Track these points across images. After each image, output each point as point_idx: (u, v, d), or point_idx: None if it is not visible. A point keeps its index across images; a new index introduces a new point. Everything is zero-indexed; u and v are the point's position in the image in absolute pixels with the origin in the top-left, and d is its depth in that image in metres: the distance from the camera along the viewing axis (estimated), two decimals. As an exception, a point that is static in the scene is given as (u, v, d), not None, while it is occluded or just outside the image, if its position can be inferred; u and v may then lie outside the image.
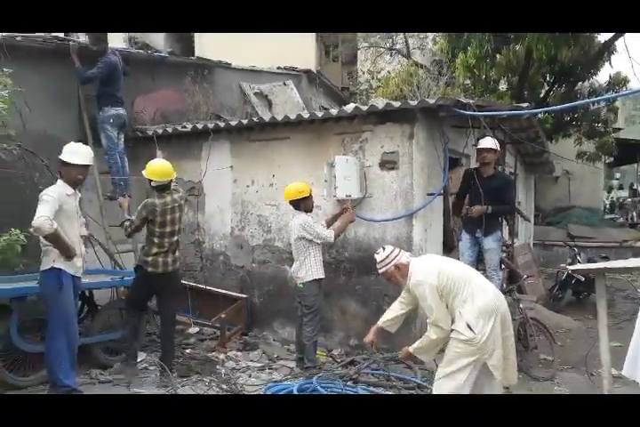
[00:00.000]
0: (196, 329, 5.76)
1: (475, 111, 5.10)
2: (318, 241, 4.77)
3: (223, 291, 5.98)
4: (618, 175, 24.01)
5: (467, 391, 3.21)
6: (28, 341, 4.17)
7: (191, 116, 7.07)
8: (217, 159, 6.26)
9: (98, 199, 5.87)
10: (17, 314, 4.09)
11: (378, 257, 3.59)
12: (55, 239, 3.67)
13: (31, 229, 3.57)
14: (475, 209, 5.29)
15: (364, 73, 13.55)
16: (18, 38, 5.22)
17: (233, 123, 6.03)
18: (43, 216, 3.55)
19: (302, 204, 4.85)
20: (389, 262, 3.51)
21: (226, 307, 5.73)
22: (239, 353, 5.29)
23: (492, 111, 5.42)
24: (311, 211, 4.95)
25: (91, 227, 4.78)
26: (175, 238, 4.58)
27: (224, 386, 4.16)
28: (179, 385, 4.10)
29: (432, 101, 4.99)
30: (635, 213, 16.32)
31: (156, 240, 4.43)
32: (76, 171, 3.94)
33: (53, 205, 3.67)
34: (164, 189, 4.51)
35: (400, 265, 3.49)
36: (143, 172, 4.56)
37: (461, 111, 5.03)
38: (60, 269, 3.77)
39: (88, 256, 4.25)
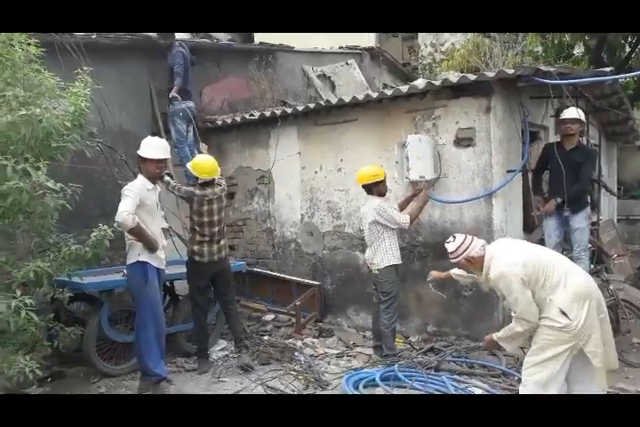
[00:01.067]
0: (272, 316, 5.82)
1: (556, 79, 4.71)
2: (393, 226, 4.63)
3: (296, 278, 5.99)
4: None
5: (561, 380, 3.01)
6: (118, 331, 4.36)
7: (257, 104, 7.05)
8: (285, 146, 6.23)
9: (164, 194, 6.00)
10: (107, 306, 4.26)
11: (448, 247, 3.37)
12: (138, 233, 3.77)
13: (115, 224, 3.66)
14: (544, 208, 5.00)
15: (426, 46, 13.01)
16: (92, 36, 5.36)
17: (300, 108, 5.93)
18: (125, 211, 3.64)
19: (376, 188, 4.70)
20: (460, 255, 3.27)
21: (299, 294, 5.74)
22: (315, 340, 5.29)
23: (574, 79, 4.99)
24: (385, 195, 4.80)
25: (168, 218, 4.89)
26: (216, 229, 4.60)
27: (306, 375, 4.14)
28: (263, 375, 4.12)
29: (510, 71, 4.66)
30: None
31: (197, 229, 4.53)
32: (153, 165, 4.01)
33: (135, 199, 3.76)
34: (206, 184, 4.57)
35: (471, 258, 3.24)
36: (188, 166, 4.61)
37: (543, 80, 4.67)
38: (145, 263, 3.88)
39: (167, 248, 4.34)
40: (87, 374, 4.32)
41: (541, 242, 5.40)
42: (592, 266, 5.78)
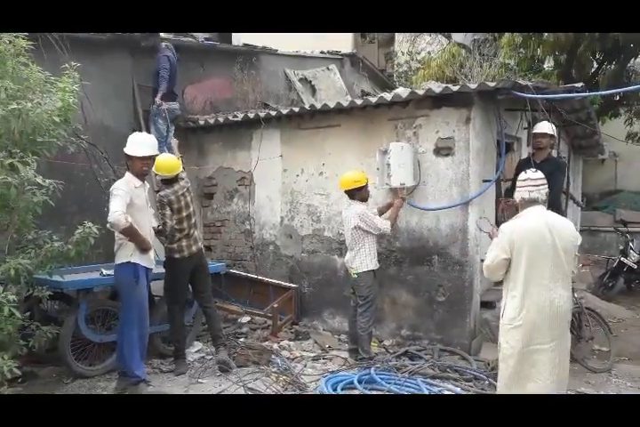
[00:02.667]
0: (248, 318, 5.81)
1: (533, 93, 4.88)
2: (375, 232, 4.71)
3: (274, 280, 6.00)
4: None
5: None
6: (94, 331, 4.28)
7: (240, 105, 7.03)
8: (267, 148, 6.23)
9: (152, 191, 5.92)
10: (85, 305, 4.18)
11: (536, 175, 3.20)
12: (131, 233, 3.73)
13: (107, 225, 3.62)
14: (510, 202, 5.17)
15: (403, 54, 13.21)
16: (76, 30, 5.24)
17: (284, 111, 5.95)
18: (117, 211, 3.58)
19: (358, 193, 4.77)
20: (531, 190, 3.13)
21: (276, 296, 5.76)
22: (291, 343, 5.32)
23: (550, 93, 5.19)
24: (367, 200, 4.88)
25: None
26: (193, 221, 4.63)
27: (284, 377, 4.17)
28: (243, 377, 4.13)
29: (492, 84, 4.82)
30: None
31: (176, 227, 4.49)
32: (140, 162, 3.97)
33: (124, 198, 3.71)
34: (170, 181, 4.54)
35: (522, 200, 3.16)
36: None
37: (522, 94, 4.83)
38: (136, 264, 3.83)
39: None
40: (60, 375, 4.23)
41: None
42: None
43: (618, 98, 12.42)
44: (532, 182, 3.15)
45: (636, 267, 7.99)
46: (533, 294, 2.98)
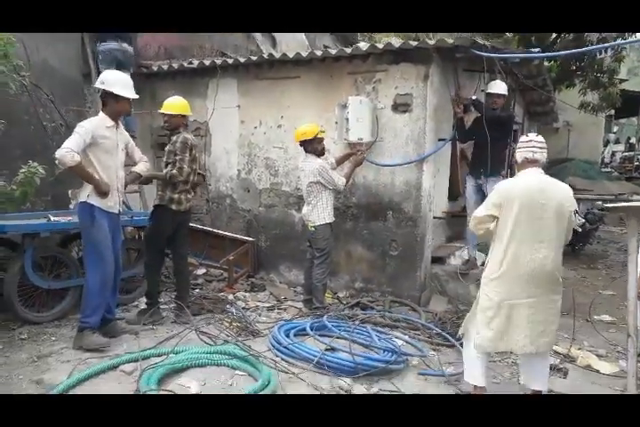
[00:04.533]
0: (204, 270, 5.80)
1: (491, 53, 4.91)
2: (331, 187, 4.72)
3: (230, 234, 5.97)
4: (615, 129, 23.89)
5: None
6: (42, 277, 4.17)
7: (196, 53, 6.76)
8: (224, 98, 6.06)
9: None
10: (31, 251, 4.05)
11: (539, 139, 3.18)
12: (79, 172, 3.56)
13: (56, 161, 3.46)
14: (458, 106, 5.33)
15: (367, 12, 12.94)
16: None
17: (241, 59, 5.78)
18: (66, 148, 3.42)
19: (310, 146, 4.74)
20: (536, 151, 3.14)
21: (232, 250, 5.75)
22: (247, 294, 5.37)
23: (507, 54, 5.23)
24: (323, 154, 4.84)
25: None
26: (195, 177, 4.54)
27: (238, 324, 4.22)
28: (196, 323, 4.14)
29: (450, 41, 4.80)
30: (631, 167, 16.37)
31: (184, 178, 4.37)
32: (128, 104, 3.82)
33: (84, 137, 3.52)
34: (187, 125, 4.45)
35: (526, 160, 3.16)
36: (169, 108, 4.41)
37: (479, 52, 4.84)
38: (92, 204, 3.68)
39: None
40: (6, 321, 4.13)
41: (464, 210, 5.76)
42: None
43: (574, 68, 12.69)
44: (536, 144, 3.15)
45: (580, 230, 8.36)
46: (516, 250, 3.03)
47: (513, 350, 3.13)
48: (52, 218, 4.25)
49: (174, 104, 4.42)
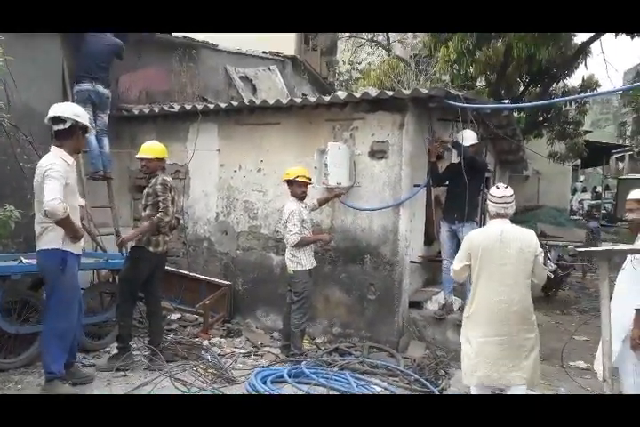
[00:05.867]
0: (178, 315, 5.66)
1: (464, 104, 5.12)
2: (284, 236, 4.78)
3: (206, 277, 5.89)
4: (582, 178, 24.86)
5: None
6: (11, 322, 4.00)
7: (177, 97, 6.90)
8: (204, 142, 6.13)
9: (80, 179, 5.65)
10: (0, 294, 3.91)
11: (506, 192, 3.42)
12: (67, 223, 3.43)
13: (43, 213, 3.34)
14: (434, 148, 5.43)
15: (344, 63, 13.50)
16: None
17: (222, 105, 5.90)
18: (56, 199, 3.26)
19: (290, 188, 4.82)
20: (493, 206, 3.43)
21: (209, 293, 5.65)
22: (223, 340, 5.23)
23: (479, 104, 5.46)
24: (302, 198, 4.89)
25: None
26: (173, 219, 4.53)
27: (213, 370, 4.09)
28: (171, 369, 4.00)
29: (424, 91, 5.02)
30: (599, 215, 16.92)
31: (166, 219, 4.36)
32: (83, 137, 3.73)
33: (61, 182, 3.39)
34: (164, 168, 4.50)
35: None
36: (147, 152, 4.44)
37: (452, 102, 5.03)
38: (65, 251, 3.53)
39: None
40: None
41: (439, 254, 5.82)
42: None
43: (541, 119, 13.35)
44: (507, 200, 3.40)
45: (552, 276, 8.50)
46: (482, 293, 3.29)
47: (485, 382, 3.30)
48: (24, 260, 4.15)
49: (151, 148, 4.47)
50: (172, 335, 5.10)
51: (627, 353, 3.34)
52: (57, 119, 3.57)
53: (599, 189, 21.71)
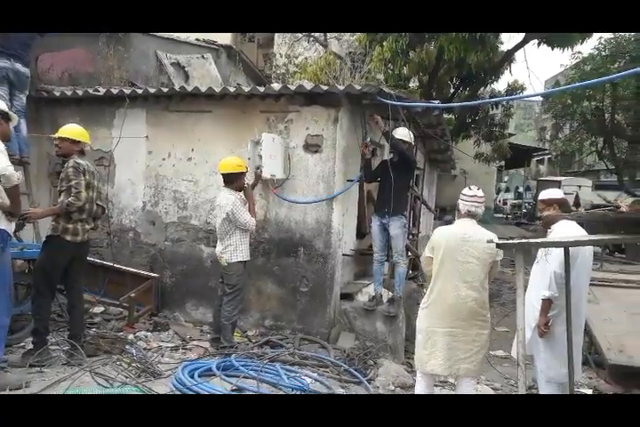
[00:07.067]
0: (102, 308, 5.38)
1: (396, 102, 5.20)
2: (241, 227, 4.66)
3: (132, 269, 5.64)
4: (506, 178, 26.28)
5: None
6: None
7: (103, 81, 6.54)
8: (131, 128, 5.86)
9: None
10: None
11: (479, 193, 3.61)
12: (16, 192, 3.38)
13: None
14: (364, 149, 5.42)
15: (281, 56, 13.39)
16: None
17: (152, 90, 5.68)
18: (10, 166, 3.27)
19: (236, 180, 4.69)
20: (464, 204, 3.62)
21: (134, 286, 5.43)
22: (149, 334, 5.04)
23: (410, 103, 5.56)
24: (241, 190, 4.79)
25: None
26: (94, 206, 4.27)
27: (138, 364, 3.92)
28: (91, 364, 3.80)
29: (358, 87, 5.07)
30: (520, 213, 17.92)
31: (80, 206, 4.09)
32: (7, 124, 3.62)
33: (6, 155, 3.36)
34: (84, 152, 4.22)
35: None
36: (61, 132, 4.19)
37: (384, 100, 5.11)
38: (2, 229, 3.39)
39: None
40: None
41: (370, 248, 5.91)
42: (410, 271, 6.50)
43: (469, 121, 13.94)
44: (478, 199, 3.58)
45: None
46: (441, 287, 3.46)
47: (435, 371, 3.48)
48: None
49: (67, 129, 4.23)
50: (94, 329, 4.84)
51: (536, 340, 3.57)
52: None
53: (521, 189, 23.04)
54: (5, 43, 5.22)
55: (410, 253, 6.53)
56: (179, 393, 3.53)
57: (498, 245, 3.24)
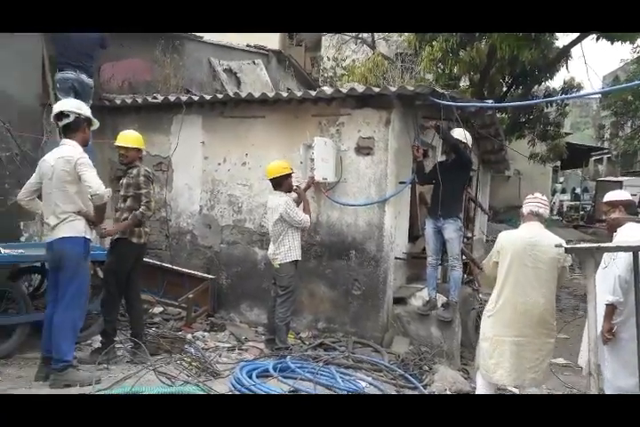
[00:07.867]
0: (161, 309, 5.56)
1: (449, 102, 5.10)
2: (296, 225, 4.71)
3: (190, 271, 5.80)
4: (561, 179, 25.32)
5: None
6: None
7: (160, 89, 6.77)
8: (188, 134, 6.04)
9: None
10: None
11: (542, 196, 3.64)
12: (103, 208, 3.63)
13: (92, 196, 3.51)
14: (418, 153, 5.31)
15: (329, 59, 13.46)
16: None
17: (207, 97, 5.82)
18: (103, 185, 3.51)
19: (284, 182, 4.75)
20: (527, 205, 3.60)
21: (192, 287, 5.58)
22: (206, 334, 5.17)
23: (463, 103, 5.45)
24: (291, 191, 4.86)
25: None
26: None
27: (197, 364, 4.03)
28: (155, 362, 3.93)
29: (411, 89, 5.02)
30: (578, 216, 17.24)
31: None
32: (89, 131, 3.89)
33: (95, 170, 3.63)
34: (141, 159, 4.42)
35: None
36: (127, 141, 4.36)
37: (438, 100, 5.02)
38: (87, 239, 3.65)
39: None
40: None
41: (423, 251, 5.83)
42: (465, 276, 6.35)
43: (523, 120, 13.52)
44: (541, 201, 3.56)
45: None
46: (508, 293, 3.37)
47: (502, 382, 3.43)
48: (3, 250, 4.03)
49: (129, 137, 4.40)
50: (154, 329, 5.01)
51: (600, 348, 3.42)
52: (61, 115, 3.69)
53: (578, 190, 22.15)
54: (71, 54, 5.50)
55: (464, 257, 6.39)
56: (237, 393, 3.60)
57: (566, 250, 3.13)
